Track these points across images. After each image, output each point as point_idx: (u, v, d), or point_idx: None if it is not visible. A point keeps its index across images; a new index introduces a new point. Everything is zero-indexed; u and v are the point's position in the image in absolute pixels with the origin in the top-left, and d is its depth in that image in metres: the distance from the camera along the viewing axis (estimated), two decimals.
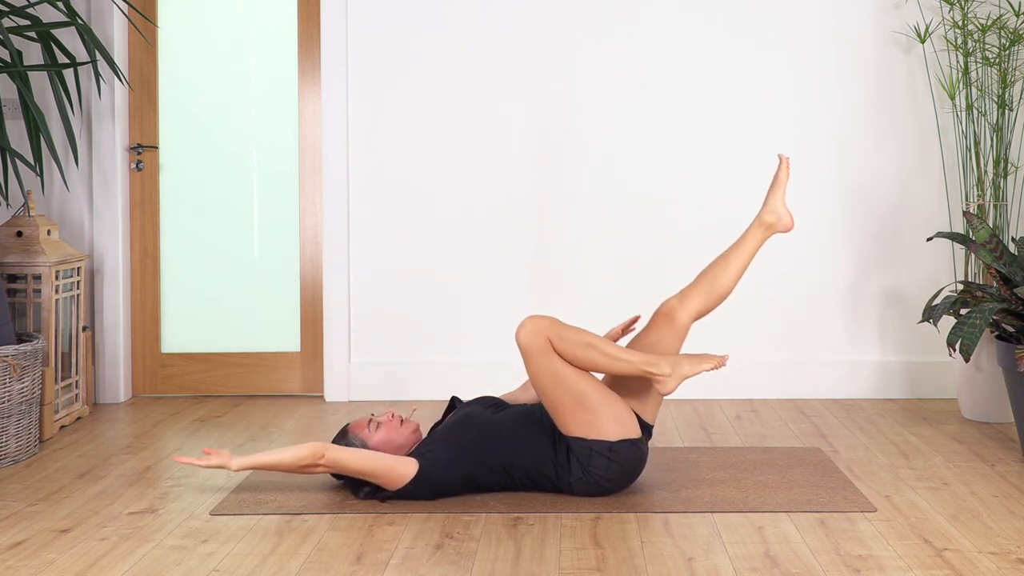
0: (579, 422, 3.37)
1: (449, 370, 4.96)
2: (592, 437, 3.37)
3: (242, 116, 5.08)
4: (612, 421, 3.38)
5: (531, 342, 3.37)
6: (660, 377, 3.38)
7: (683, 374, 3.40)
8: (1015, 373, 3.89)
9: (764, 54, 4.95)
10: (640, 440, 3.43)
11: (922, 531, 3.14)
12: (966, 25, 4.69)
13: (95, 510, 3.39)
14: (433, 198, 4.99)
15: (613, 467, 3.38)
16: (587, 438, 3.37)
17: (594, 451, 3.36)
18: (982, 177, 4.70)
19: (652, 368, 3.37)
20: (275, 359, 5.10)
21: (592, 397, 3.37)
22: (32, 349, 4.04)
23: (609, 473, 3.38)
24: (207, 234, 5.09)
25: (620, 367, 3.38)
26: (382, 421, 3.47)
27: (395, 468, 3.34)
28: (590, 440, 3.37)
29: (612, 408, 3.39)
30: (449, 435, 3.44)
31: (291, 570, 2.87)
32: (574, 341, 3.37)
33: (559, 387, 3.37)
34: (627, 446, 3.39)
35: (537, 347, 3.37)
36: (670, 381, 3.38)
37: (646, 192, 4.97)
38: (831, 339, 4.98)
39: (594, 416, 3.37)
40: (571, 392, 3.36)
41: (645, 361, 3.37)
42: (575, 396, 3.37)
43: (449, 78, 4.97)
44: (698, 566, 2.87)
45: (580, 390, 3.37)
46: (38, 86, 4.88)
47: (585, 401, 3.36)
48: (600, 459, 3.37)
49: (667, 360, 3.39)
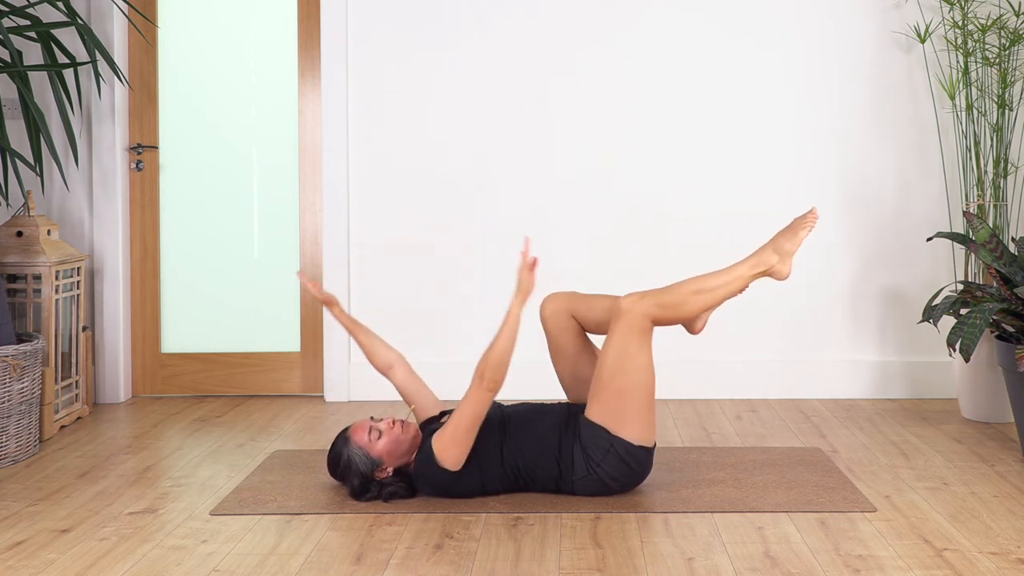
0: (611, 412, 3.36)
1: (449, 370, 4.96)
2: (615, 433, 3.36)
3: (242, 116, 5.08)
4: (641, 425, 3.38)
5: (631, 322, 3.37)
6: (773, 268, 3.48)
7: (789, 252, 3.48)
8: (1015, 373, 3.89)
9: (764, 54, 4.95)
10: (652, 450, 3.44)
11: (922, 531, 3.14)
12: (966, 25, 4.69)
13: (95, 510, 3.39)
14: (433, 198, 4.99)
15: (623, 468, 3.38)
16: (610, 431, 3.37)
17: (613, 447, 3.35)
18: (982, 177, 4.70)
19: (763, 268, 3.47)
20: (275, 359, 5.10)
21: (640, 397, 3.37)
22: (32, 349, 4.04)
23: (617, 473, 3.38)
24: (207, 234, 5.09)
25: (733, 288, 3.45)
26: (383, 429, 3.43)
27: (462, 450, 3.33)
28: (612, 435, 3.36)
29: (647, 414, 3.40)
30: None
31: (291, 570, 2.87)
32: (679, 298, 3.40)
33: (620, 374, 3.36)
34: (642, 452, 3.40)
35: (635, 328, 3.37)
36: (782, 266, 3.49)
37: (646, 190, 4.97)
38: (831, 339, 4.98)
39: (629, 415, 3.36)
40: (627, 381, 3.36)
41: (752, 266, 3.47)
42: (627, 386, 3.36)
43: (449, 78, 4.97)
44: (698, 566, 2.87)
45: (636, 384, 3.36)
46: (38, 86, 4.88)
47: (630, 398, 3.36)
48: (613, 458, 3.36)
49: (767, 250, 3.48)
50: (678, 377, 4.93)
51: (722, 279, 3.45)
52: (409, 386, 3.72)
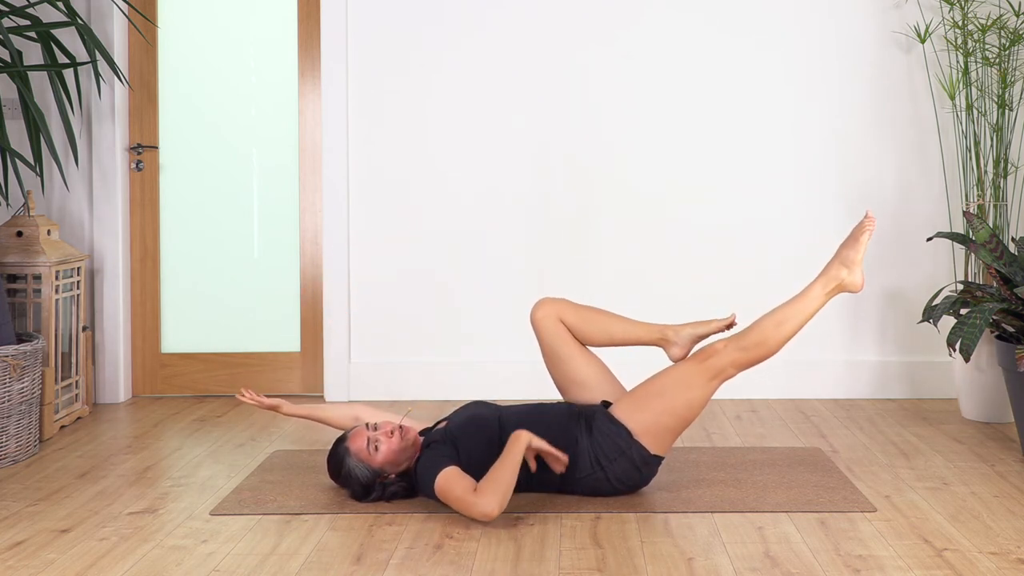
0: (640, 418, 3.37)
1: (449, 370, 4.96)
2: (635, 437, 3.37)
3: (242, 116, 5.08)
4: (660, 441, 3.40)
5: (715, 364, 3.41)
6: (847, 281, 3.50)
7: (855, 260, 3.49)
8: (1015, 373, 3.89)
9: (764, 54, 4.95)
10: (662, 460, 3.45)
11: (922, 531, 3.14)
12: (966, 25, 4.69)
13: (95, 510, 3.39)
14: (433, 198, 4.99)
15: (632, 473, 3.38)
16: (631, 434, 3.37)
17: (631, 450, 3.35)
18: (982, 177, 4.70)
19: (835, 283, 3.50)
20: (275, 359, 5.10)
21: (674, 421, 3.39)
22: (32, 349, 4.04)
23: (625, 476, 3.38)
24: (207, 234, 5.09)
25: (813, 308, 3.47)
26: (381, 440, 3.39)
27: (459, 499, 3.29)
28: (632, 439, 3.37)
29: (671, 436, 3.42)
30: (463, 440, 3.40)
31: (291, 570, 2.87)
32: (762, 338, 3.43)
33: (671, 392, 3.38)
34: (654, 461, 3.42)
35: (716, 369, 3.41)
36: (854, 277, 3.50)
37: (646, 193, 4.97)
38: (831, 339, 4.98)
39: (656, 427, 3.38)
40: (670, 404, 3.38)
41: (825, 284, 3.50)
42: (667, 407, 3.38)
43: (449, 78, 4.97)
44: (698, 566, 2.87)
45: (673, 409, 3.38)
46: (38, 86, 4.88)
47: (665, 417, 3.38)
48: (626, 462, 3.36)
49: (835, 265, 3.51)
50: None
51: (799, 305, 3.47)
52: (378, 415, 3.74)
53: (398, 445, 3.40)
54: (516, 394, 4.84)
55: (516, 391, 4.85)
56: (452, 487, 3.22)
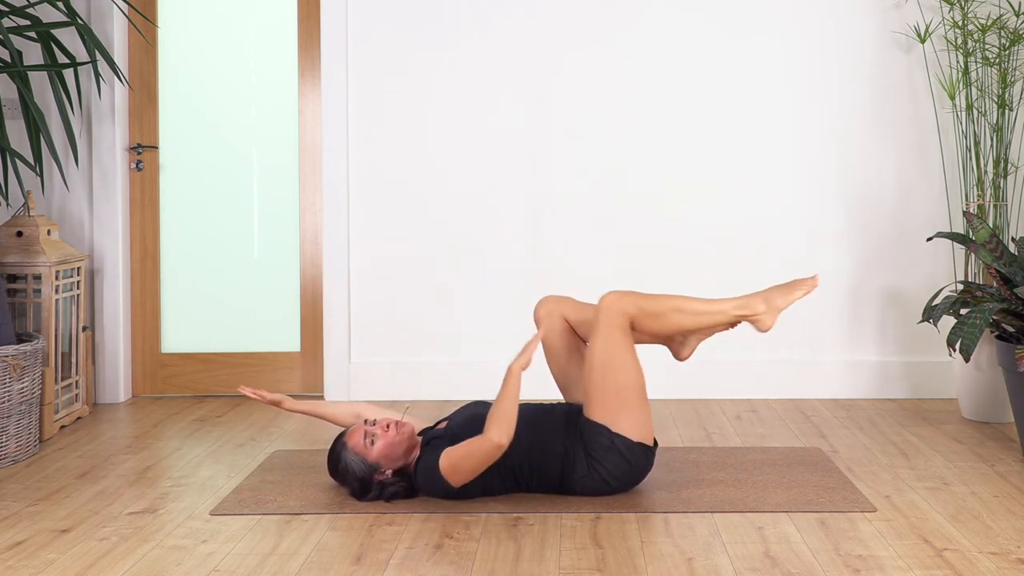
0: (609, 411, 3.37)
1: (449, 370, 4.96)
2: (615, 430, 3.37)
3: (242, 116, 5.08)
4: (637, 423, 3.39)
5: (613, 308, 3.39)
6: (757, 316, 3.45)
7: (778, 307, 3.45)
8: (1015, 373, 3.89)
9: (764, 54, 4.95)
10: (652, 449, 3.44)
11: (922, 531, 3.14)
12: (966, 25, 4.69)
13: (95, 510, 3.39)
14: (433, 198, 4.99)
15: (623, 466, 3.38)
16: (611, 429, 3.37)
17: (614, 444, 3.36)
18: (982, 177, 4.70)
19: (747, 311, 3.44)
20: (275, 359, 5.10)
21: (633, 392, 3.39)
22: (32, 349, 4.04)
23: (617, 471, 3.38)
24: (207, 234, 5.10)
25: (713, 320, 3.42)
26: (377, 433, 3.41)
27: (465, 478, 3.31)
28: (613, 433, 3.37)
29: (643, 411, 3.41)
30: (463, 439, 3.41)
31: (291, 570, 2.87)
32: (660, 309, 3.40)
33: (611, 369, 3.37)
34: (642, 450, 3.41)
35: (617, 322, 3.38)
36: (767, 317, 3.45)
37: (645, 193, 4.97)
38: (831, 339, 4.98)
39: (625, 411, 3.38)
40: (618, 378, 3.37)
41: (737, 306, 3.43)
42: (620, 384, 3.38)
43: (449, 78, 4.97)
44: (698, 566, 2.87)
45: (627, 380, 3.38)
46: (38, 86, 4.88)
47: (624, 394, 3.37)
48: (615, 455, 3.36)
49: (759, 297, 3.45)
50: (678, 377, 4.92)
51: (705, 307, 3.45)
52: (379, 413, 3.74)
53: (393, 439, 3.41)
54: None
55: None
56: (456, 450, 3.27)
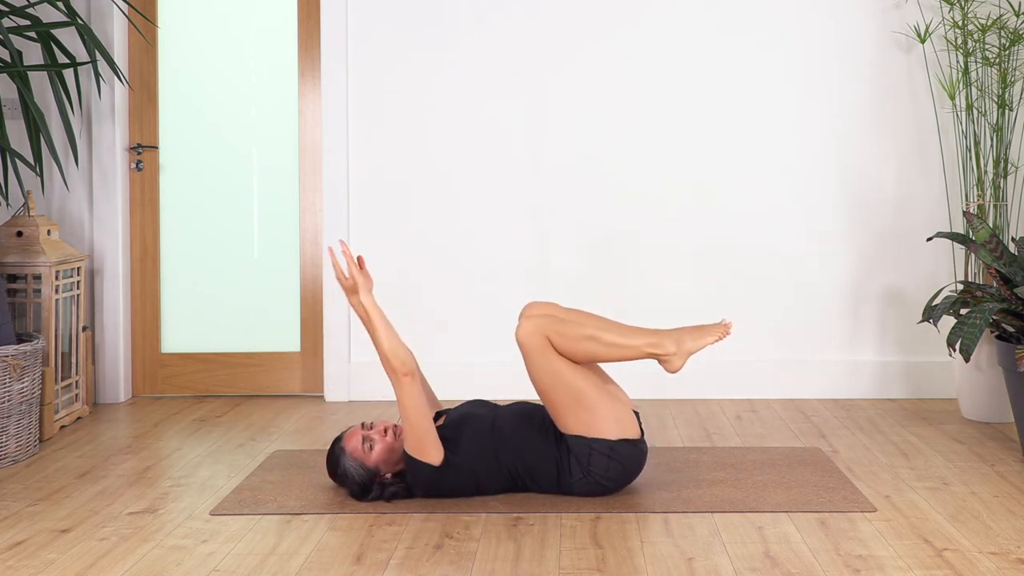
0: (578, 421, 3.37)
1: (449, 370, 4.96)
2: (592, 436, 3.37)
3: (242, 115, 5.08)
4: (611, 420, 3.38)
5: (529, 341, 3.38)
6: (667, 357, 3.42)
7: (688, 351, 3.42)
8: (1015, 373, 3.89)
9: (764, 54, 4.95)
10: (639, 440, 3.43)
11: (922, 531, 3.14)
12: (966, 25, 4.69)
13: (95, 510, 3.39)
14: (433, 198, 4.99)
15: (613, 466, 3.38)
16: (587, 436, 3.37)
17: (594, 450, 3.36)
18: (982, 177, 4.70)
19: (659, 351, 3.41)
20: (275, 359, 5.10)
21: (590, 395, 3.37)
22: (32, 349, 4.04)
23: (609, 472, 3.38)
24: (207, 234, 5.09)
25: (623, 354, 3.40)
26: (375, 439, 3.41)
27: (427, 443, 3.34)
28: (590, 439, 3.37)
29: (611, 407, 3.39)
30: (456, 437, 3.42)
31: (291, 570, 2.87)
32: (574, 336, 3.37)
33: (558, 385, 3.37)
34: (627, 445, 3.39)
35: (535, 346, 3.37)
36: (676, 359, 3.42)
37: (644, 192, 4.97)
38: (831, 339, 4.98)
39: (593, 415, 3.37)
40: (570, 391, 3.37)
41: (649, 344, 3.40)
42: (573, 395, 3.37)
43: (449, 77, 4.97)
44: (698, 566, 2.87)
45: (578, 389, 3.37)
46: (38, 86, 4.88)
47: (583, 399, 3.36)
48: (600, 458, 3.37)
49: (671, 338, 3.41)
50: (678, 377, 4.92)
51: (619, 340, 3.39)
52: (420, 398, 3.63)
53: (391, 445, 3.42)
54: (516, 395, 4.84)
55: (516, 392, 4.84)
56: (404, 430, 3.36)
